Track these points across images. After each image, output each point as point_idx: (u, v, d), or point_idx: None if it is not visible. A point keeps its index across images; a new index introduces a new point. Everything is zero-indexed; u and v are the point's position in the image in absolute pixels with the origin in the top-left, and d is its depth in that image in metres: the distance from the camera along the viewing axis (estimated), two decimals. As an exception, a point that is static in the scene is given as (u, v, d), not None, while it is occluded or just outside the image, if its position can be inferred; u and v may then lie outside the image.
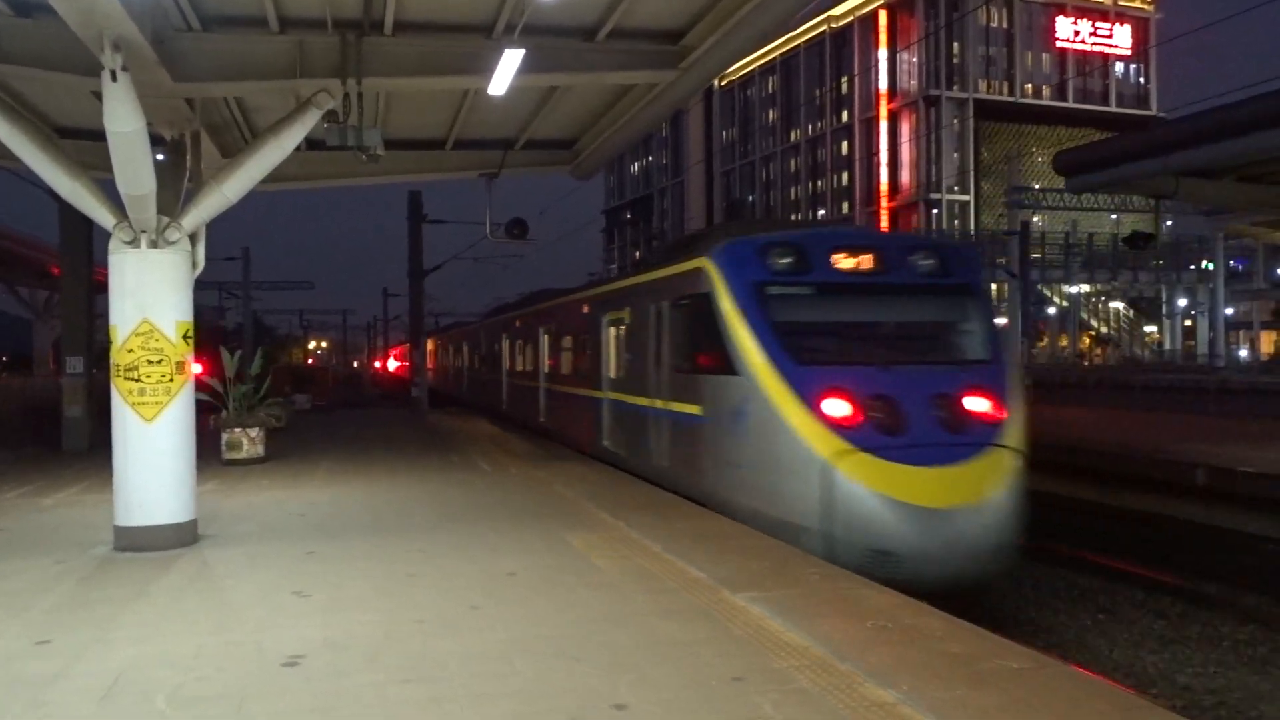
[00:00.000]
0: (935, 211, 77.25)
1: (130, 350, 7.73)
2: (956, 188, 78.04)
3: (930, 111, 77.67)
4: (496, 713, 4.24)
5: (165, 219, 7.91)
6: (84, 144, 10.61)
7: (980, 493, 7.24)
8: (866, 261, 8.69)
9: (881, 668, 4.78)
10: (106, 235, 7.84)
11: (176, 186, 8.22)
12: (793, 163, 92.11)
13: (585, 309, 13.86)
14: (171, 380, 7.82)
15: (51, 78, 7.77)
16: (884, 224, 78.31)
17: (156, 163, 7.77)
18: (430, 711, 4.26)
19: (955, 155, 78.53)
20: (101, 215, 7.86)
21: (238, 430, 13.71)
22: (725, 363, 8.48)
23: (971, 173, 77.85)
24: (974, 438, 7.57)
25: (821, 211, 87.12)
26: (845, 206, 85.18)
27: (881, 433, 7.55)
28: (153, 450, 7.76)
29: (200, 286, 65.13)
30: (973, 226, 75.02)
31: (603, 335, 12.69)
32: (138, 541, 7.71)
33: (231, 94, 8.92)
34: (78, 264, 15.90)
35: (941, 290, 8.69)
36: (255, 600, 6.17)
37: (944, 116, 76.82)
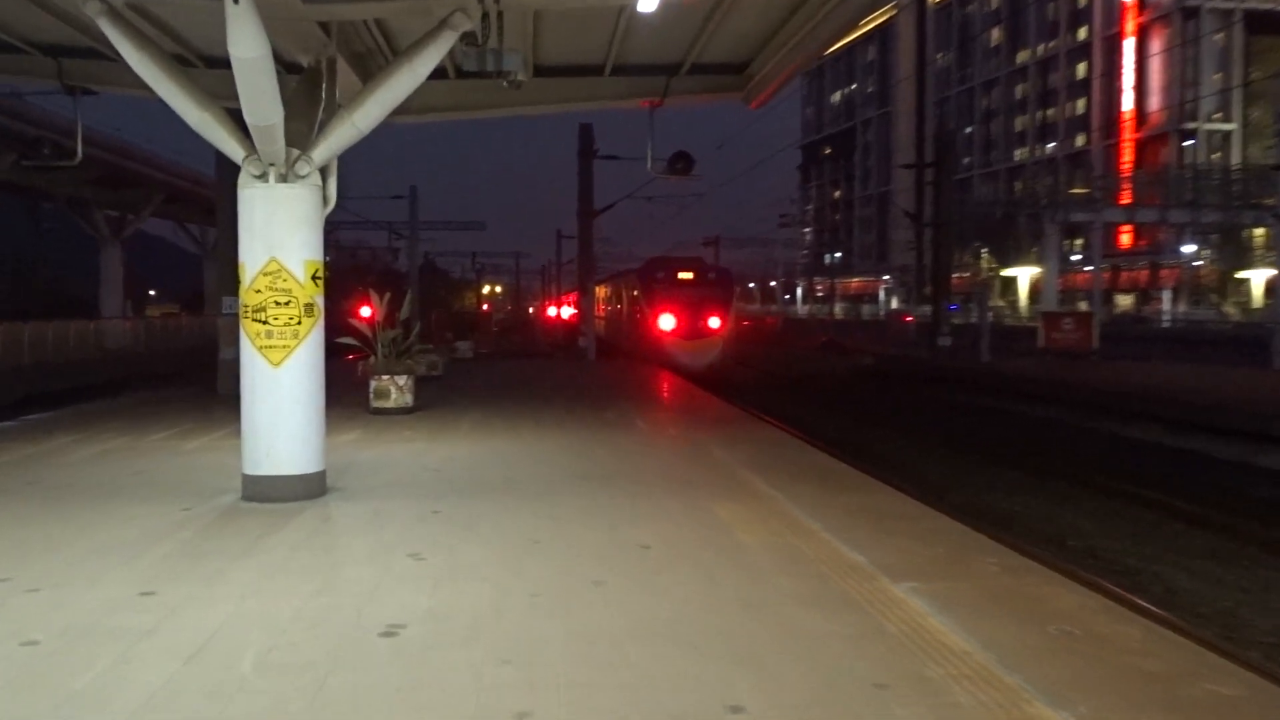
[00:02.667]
0: (1190, 143, 71.85)
1: (258, 291, 8.01)
2: (1218, 115, 72.29)
3: (1188, 25, 72.01)
4: (592, 706, 4.11)
5: (295, 152, 8.10)
6: (224, 73, 11.04)
7: None
8: None
9: (1057, 684, 4.37)
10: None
11: (310, 117, 8.39)
12: (1019, 89, 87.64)
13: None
14: (299, 323, 8.06)
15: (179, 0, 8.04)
16: (1127, 159, 73.55)
17: (287, 92, 7.97)
18: (521, 698, 4.18)
19: (1217, 77, 72.61)
20: (231, 148, 8.13)
21: (385, 378, 14.21)
22: None
23: (1238, 97, 71.85)
24: None
25: (1051, 145, 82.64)
26: (1081, 139, 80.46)
27: None
28: (280, 397, 8.04)
29: (370, 227, 68.75)
30: (1236, 160, 69.33)
31: None
32: (264, 492, 8.04)
33: (363, 16, 9.03)
34: (233, 199, 16.77)
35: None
36: (368, 560, 6.29)
37: (1205, 30, 71.07)
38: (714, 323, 31.05)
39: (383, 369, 14.34)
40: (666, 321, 30.56)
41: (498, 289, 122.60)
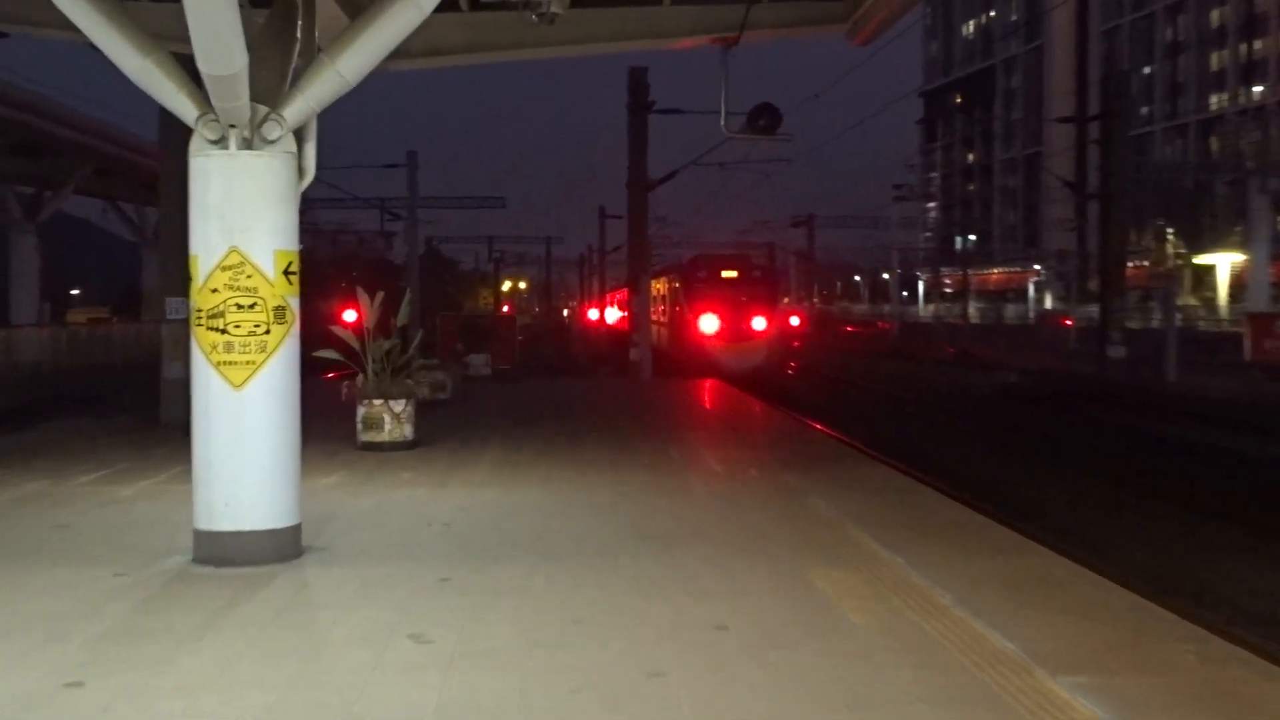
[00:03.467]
0: None
1: (214, 290, 8.12)
2: None
3: None
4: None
5: (263, 109, 8.21)
6: (172, 7, 11.21)
7: None
8: None
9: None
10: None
11: (282, 64, 8.49)
12: (1214, 14, 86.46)
13: None
14: (268, 332, 8.16)
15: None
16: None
17: (253, 32, 8.08)
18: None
19: None
20: (179, 104, 8.26)
21: (378, 403, 14.35)
22: None
23: None
24: None
25: (1258, 89, 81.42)
26: (1297, 80, 79.16)
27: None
28: (243, 428, 8.13)
29: (358, 205, 69.81)
30: None
31: None
32: (221, 552, 8.13)
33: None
34: (181, 170, 17.01)
35: None
36: (359, 644, 6.34)
37: None
38: (759, 324, 36.86)
39: (374, 391, 14.48)
40: (708, 323, 36.36)
41: (522, 285, 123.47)
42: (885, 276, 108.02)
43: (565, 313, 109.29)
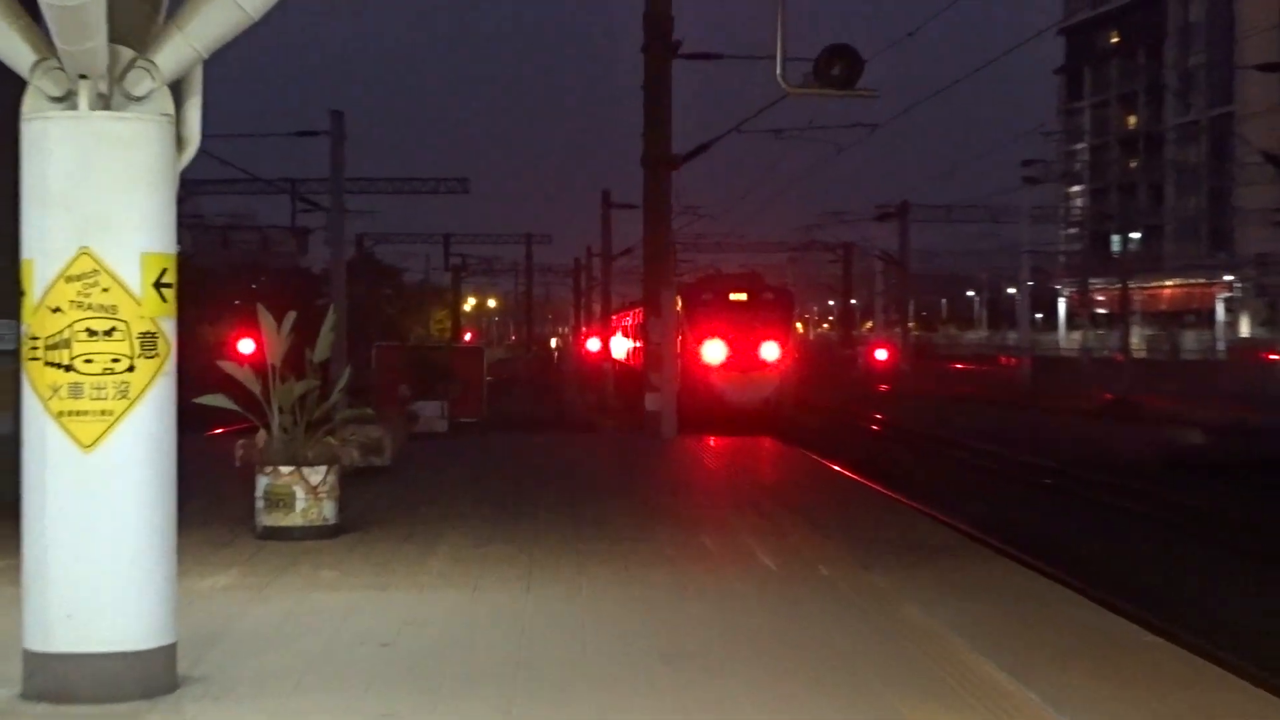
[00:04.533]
0: None
1: (56, 310, 8.10)
2: None
3: None
4: None
5: (127, 54, 8.21)
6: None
7: None
8: None
9: None
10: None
11: (152, -9, 8.54)
12: None
13: None
14: (132, 369, 8.16)
15: None
16: None
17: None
18: None
19: None
20: (8, 45, 8.26)
21: (287, 472, 14.36)
22: None
23: None
24: None
25: None
26: None
27: None
28: (94, 506, 8.11)
29: (260, 191, 69.88)
30: None
31: None
32: (64, 683, 8.07)
33: None
34: (9, 139, 17.04)
35: None
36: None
37: None
38: (770, 353, 43.13)
39: (282, 454, 14.47)
40: (712, 352, 42.49)
41: (492, 303, 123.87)
42: (1011, 292, 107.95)
43: (554, 342, 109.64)
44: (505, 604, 11.15)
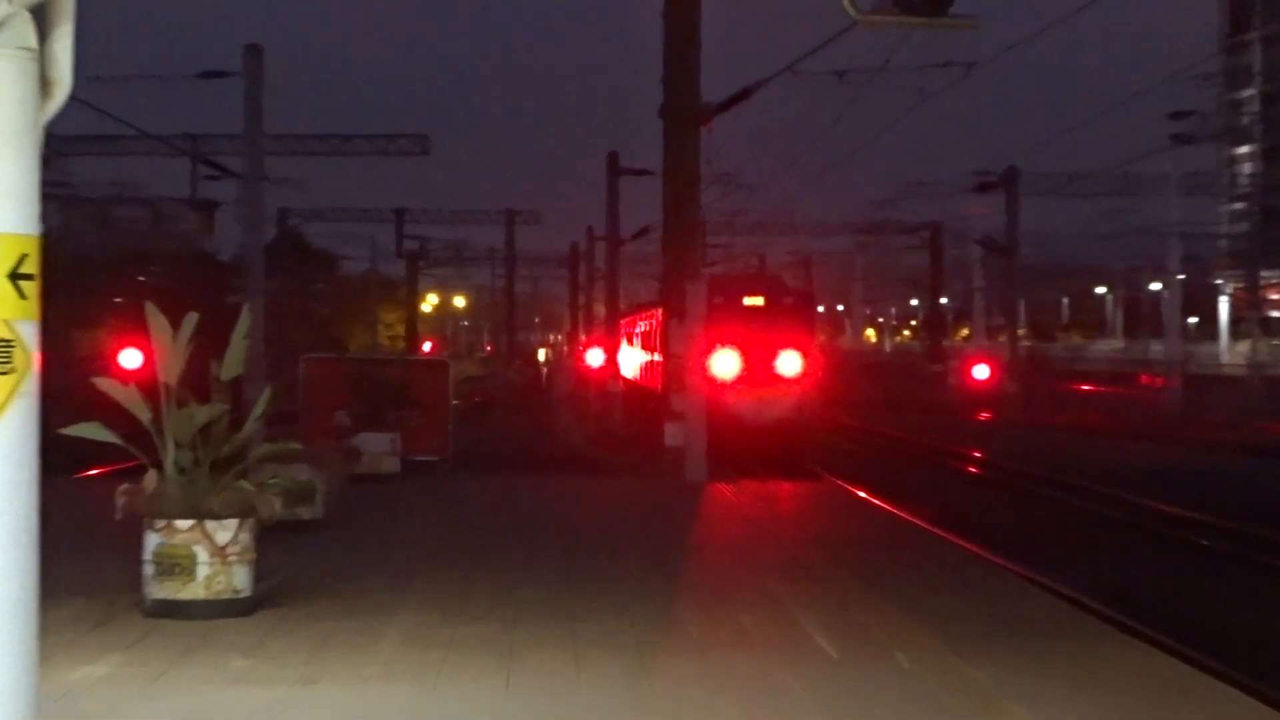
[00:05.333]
0: None
1: None
2: None
3: None
4: None
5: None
6: None
7: None
8: None
9: None
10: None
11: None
12: None
13: None
14: (-25, 389, 8.18)
15: None
16: None
17: None
18: None
19: None
20: None
21: (183, 527, 14.27)
22: None
23: None
24: None
25: None
26: None
27: None
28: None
29: (151, 152, 69.29)
30: None
31: None
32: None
33: None
34: None
35: None
36: None
37: None
38: (790, 366, 46.05)
39: (179, 503, 14.40)
40: (723, 365, 45.25)
41: (461, 302, 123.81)
42: (1155, 288, 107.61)
43: (543, 355, 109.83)
44: (478, 705, 11.12)
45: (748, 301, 47.01)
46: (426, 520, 21.99)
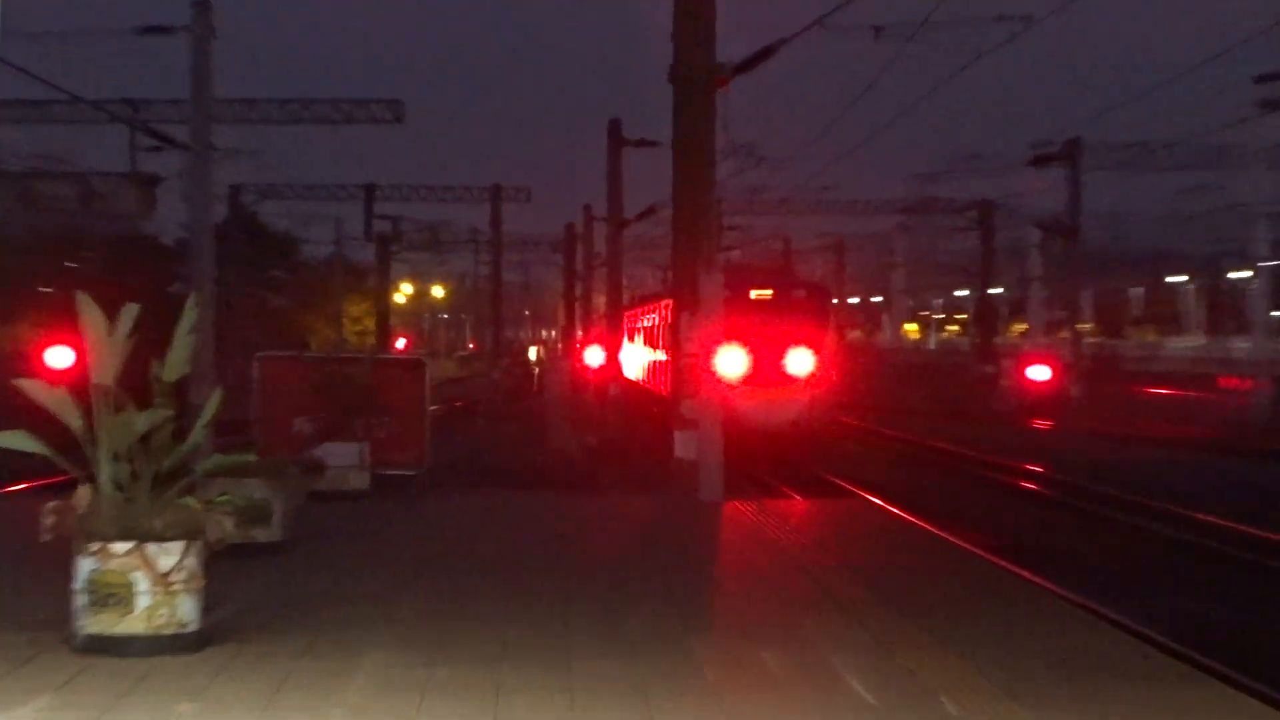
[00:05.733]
0: None
1: None
2: None
3: None
4: None
5: None
6: None
7: None
8: None
9: None
10: None
11: None
12: None
13: None
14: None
15: None
16: None
17: None
18: None
19: None
20: None
21: (120, 551, 14.23)
22: None
23: None
24: None
25: None
26: None
27: None
28: None
29: (83, 120, 69.30)
30: None
31: None
32: None
33: None
34: None
35: None
36: None
37: None
38: (799, 365, 48.56)
39: (115, 524, 14.37)
40: (728, 364, 43.65)
41: (439, 292, 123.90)
42: (1240, 276, 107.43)
43: (534, 352, 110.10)
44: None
45: (754, 294, 48.35)
46: (400, 544, 21.97)
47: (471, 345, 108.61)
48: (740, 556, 21.77)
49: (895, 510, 28.22)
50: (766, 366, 46.82)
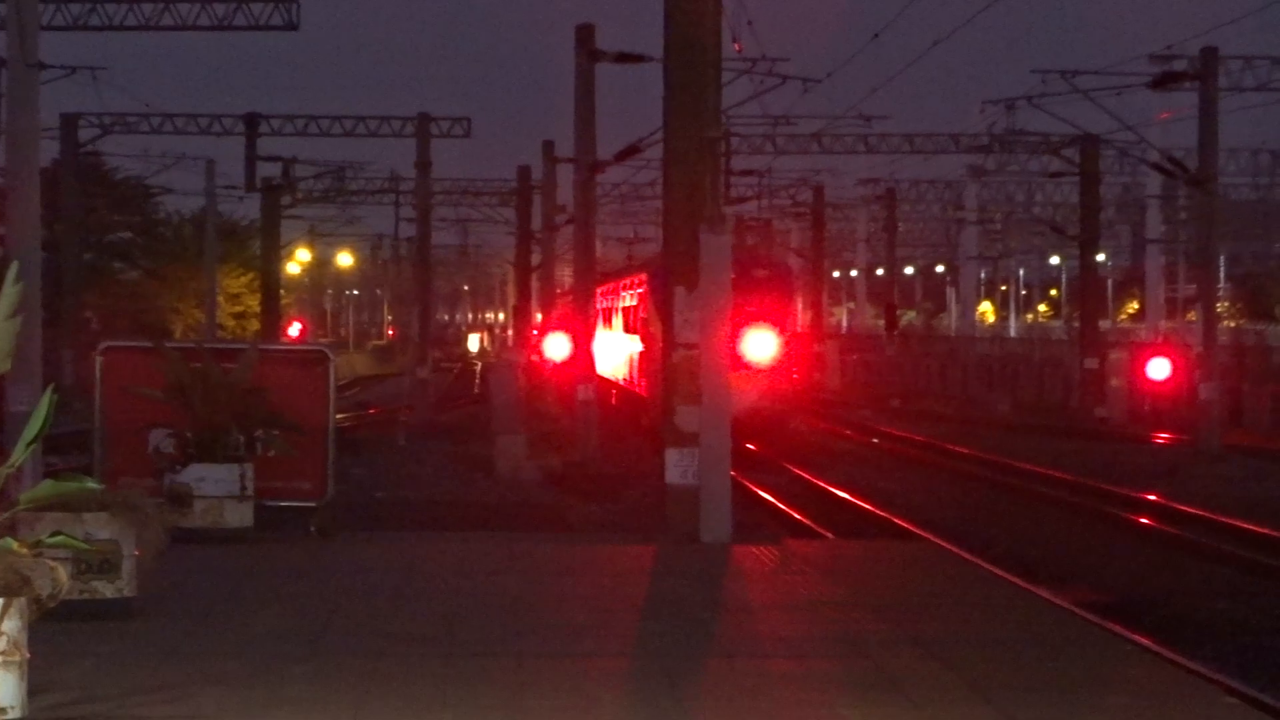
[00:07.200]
0: None
1: None
2: None
3: None
4: None
5: None
6: None
7: None
8: None
9: None
10: None
11: None
12: None
13: None
14: None
15: None
16: None
17: None
18: None
19: None
20: None
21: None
22: None
23: None
24: None
25: None
26: None
27: None
28: None
29: None
30: None
31: None
32: None
33: None
34: None
35: None
36: None
37: None
38: (758, 348, 55.67)
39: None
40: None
41: (348, 259, 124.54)
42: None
43: (476, 342, 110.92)
44: None
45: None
46: (291, 607, 21.75)
47: (390, 332, 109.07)
48: (761, 624, 21.40)
49: (976, 560, 28.01)
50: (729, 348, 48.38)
